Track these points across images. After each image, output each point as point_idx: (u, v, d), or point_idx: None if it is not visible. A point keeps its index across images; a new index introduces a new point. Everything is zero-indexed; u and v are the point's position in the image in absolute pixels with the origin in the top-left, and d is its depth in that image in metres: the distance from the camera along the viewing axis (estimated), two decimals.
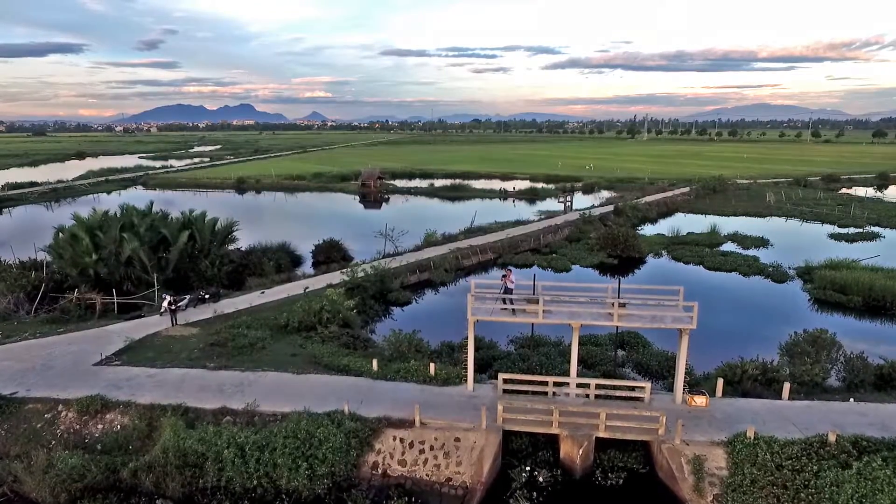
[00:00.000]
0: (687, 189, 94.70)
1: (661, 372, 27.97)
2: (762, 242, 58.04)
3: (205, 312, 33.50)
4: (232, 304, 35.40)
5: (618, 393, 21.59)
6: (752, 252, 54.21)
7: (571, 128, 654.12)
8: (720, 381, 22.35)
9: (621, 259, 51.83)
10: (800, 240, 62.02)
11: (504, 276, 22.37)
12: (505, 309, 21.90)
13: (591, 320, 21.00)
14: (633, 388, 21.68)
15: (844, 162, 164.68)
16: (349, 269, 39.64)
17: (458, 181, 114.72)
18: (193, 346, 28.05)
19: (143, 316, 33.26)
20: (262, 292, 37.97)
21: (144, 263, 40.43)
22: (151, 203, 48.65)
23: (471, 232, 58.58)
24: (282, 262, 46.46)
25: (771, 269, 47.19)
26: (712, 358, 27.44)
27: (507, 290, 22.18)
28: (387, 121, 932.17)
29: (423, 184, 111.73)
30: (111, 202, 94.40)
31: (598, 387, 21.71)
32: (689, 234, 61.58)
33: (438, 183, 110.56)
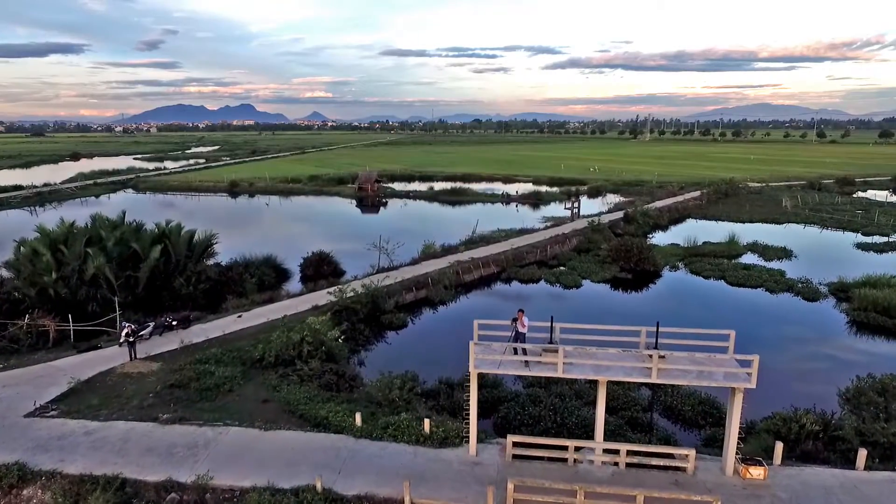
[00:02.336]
0: (698, 193, 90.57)
1: (695, 419, 23.95)
2: (785, 253, 53.91)
3: (171, 342, 29.49)
4: (203, 331, 31.34)
5: (655, 461, 17.55)
6: (775, 264, 50.13)
7: (573, 128, 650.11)
8: (779, 446, 18.29)
9: (635, 273, 47.79)
10: (824, 250, 57.96)
11: (514, 319, 18.29)
12: (516, 360, 17.83)
13: (623, 376, 16.98)
14: (673, 457, 17.65)
15: (855, 163, 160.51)
16: (337, 289, 35.60)
17: (458, 184, 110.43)
18: (149, 389, 24.03)
19: (100, 347, 29.22)
20: (239, 316, 33.93)
21: (111, 282, 36.43)
22: (124, 213, 44.67)
23: (472, 242, 54.51)
24: (265, 278, 42.38)
25: (800, 285, 43.11)
26: (753, 401, 23.37)
27: (519, 336, 18.13)
28: (387, 121, 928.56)
29: (423, 187, 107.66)
30: (98, 206, 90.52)
31: (629, 453, 17.69)
32: (705, 243, 57.46)
33: (438, 186, 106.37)
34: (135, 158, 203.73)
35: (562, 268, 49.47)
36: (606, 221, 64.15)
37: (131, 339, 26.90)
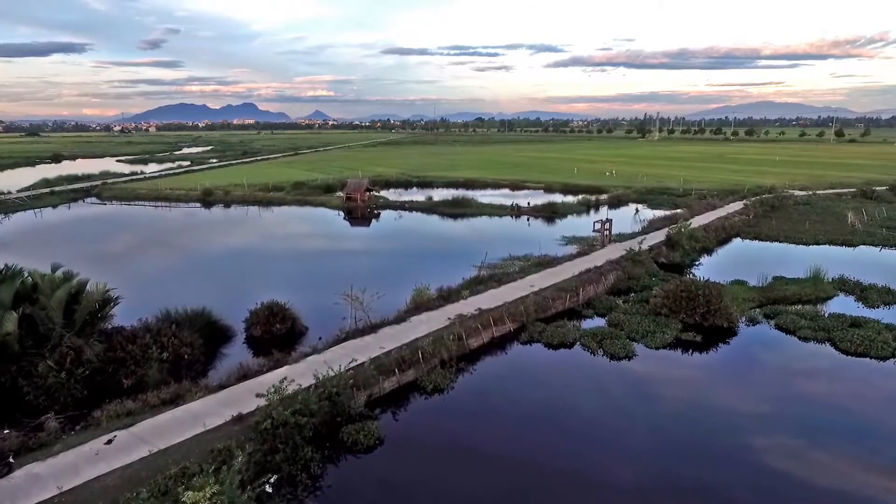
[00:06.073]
0: (740, 205, 77.42)
1: None
2: (892, 296, 40.78)
3: None
4: (33, 480, 18.62)
5: None
6: (884, 313, 37.39)
7: (576, 126, 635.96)
8: None
9: (703, 330, 34.96)
10: None
11: None
12: None
13: None
14: None
15: (893, 165, 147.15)
16: (272, 389, 22.79)
17: (461, 191, 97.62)
18: None
19: None
20: (110, 441, 21.11)
21: None
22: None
23: (478, 283, 41.42)
24: (185, 350, 29.25)
25: None
26: None
27: None
28: (389, 119, 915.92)
29: (421, 196, 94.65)
30: (55, 217, 77.86)
31: None
32: (778, 279, 44.50)
33: (439, 195, 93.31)
34: (118, 160, 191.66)
35: (601, 321, 36.62)
36: (647, 248, 51.25)
37: None
